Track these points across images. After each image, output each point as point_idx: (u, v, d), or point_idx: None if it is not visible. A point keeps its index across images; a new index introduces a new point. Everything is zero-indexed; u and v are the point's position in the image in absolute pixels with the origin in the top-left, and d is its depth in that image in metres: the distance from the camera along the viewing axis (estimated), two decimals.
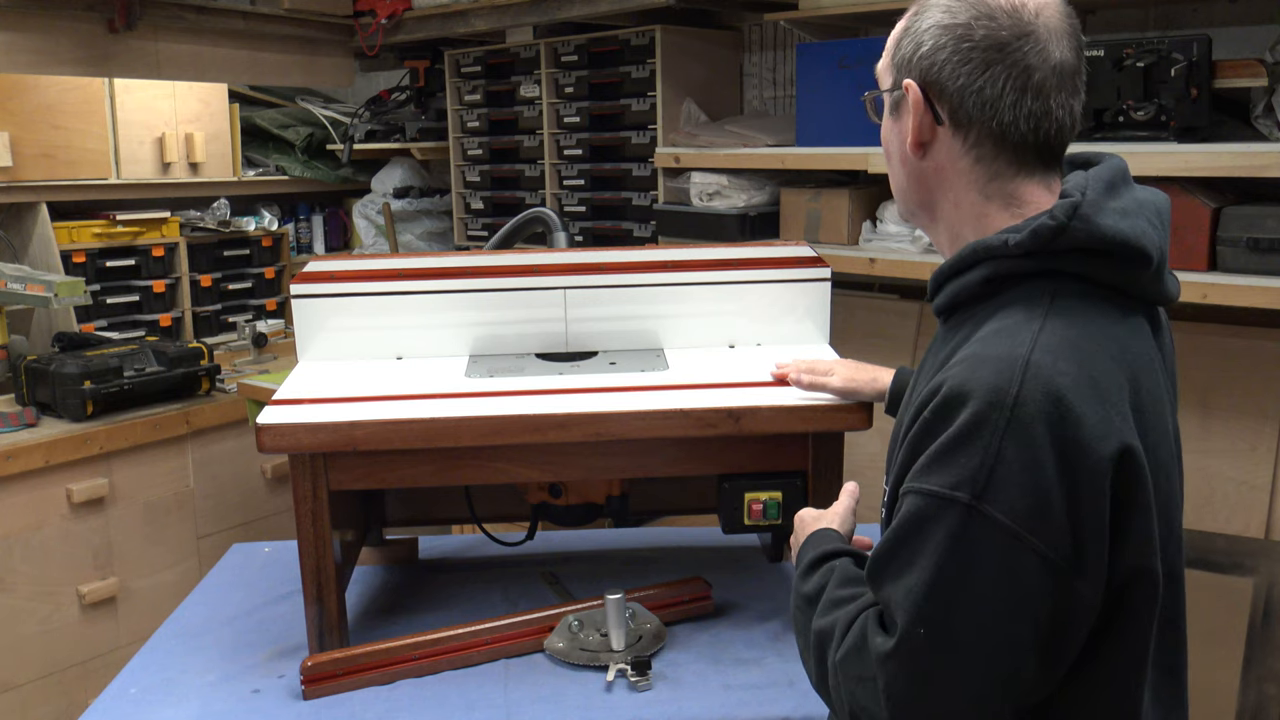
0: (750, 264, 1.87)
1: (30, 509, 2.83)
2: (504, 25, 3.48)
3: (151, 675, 1.65)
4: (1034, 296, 1.05)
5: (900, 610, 0.97)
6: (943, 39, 1.08)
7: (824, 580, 1.15)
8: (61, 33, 3.27)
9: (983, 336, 1.03)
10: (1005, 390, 0.95)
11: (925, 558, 0.96)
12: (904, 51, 1.12)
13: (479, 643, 1.63)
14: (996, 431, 0.94)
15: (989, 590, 0.95)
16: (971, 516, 0.94)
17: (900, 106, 1.14)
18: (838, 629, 1.06)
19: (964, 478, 0.95)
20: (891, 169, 1.20)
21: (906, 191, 1.18)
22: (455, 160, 3.78)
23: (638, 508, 1.94)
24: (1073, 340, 1.00)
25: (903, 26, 1.14)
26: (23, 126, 3.20)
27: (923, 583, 0.96)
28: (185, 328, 3.72)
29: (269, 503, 3.42)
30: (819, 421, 1.59)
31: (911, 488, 1.00)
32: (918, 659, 0.96)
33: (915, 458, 1.01)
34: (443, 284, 1.84)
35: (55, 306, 2.93)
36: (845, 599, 1.09)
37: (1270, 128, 2.07)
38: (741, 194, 2.88)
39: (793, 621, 1.19)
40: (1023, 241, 1.04)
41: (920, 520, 0.98)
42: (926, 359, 1.19)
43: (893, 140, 1.17)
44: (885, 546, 1.01)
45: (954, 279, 1.11)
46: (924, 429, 1.01)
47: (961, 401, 0.97)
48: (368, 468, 1.59)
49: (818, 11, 2.73)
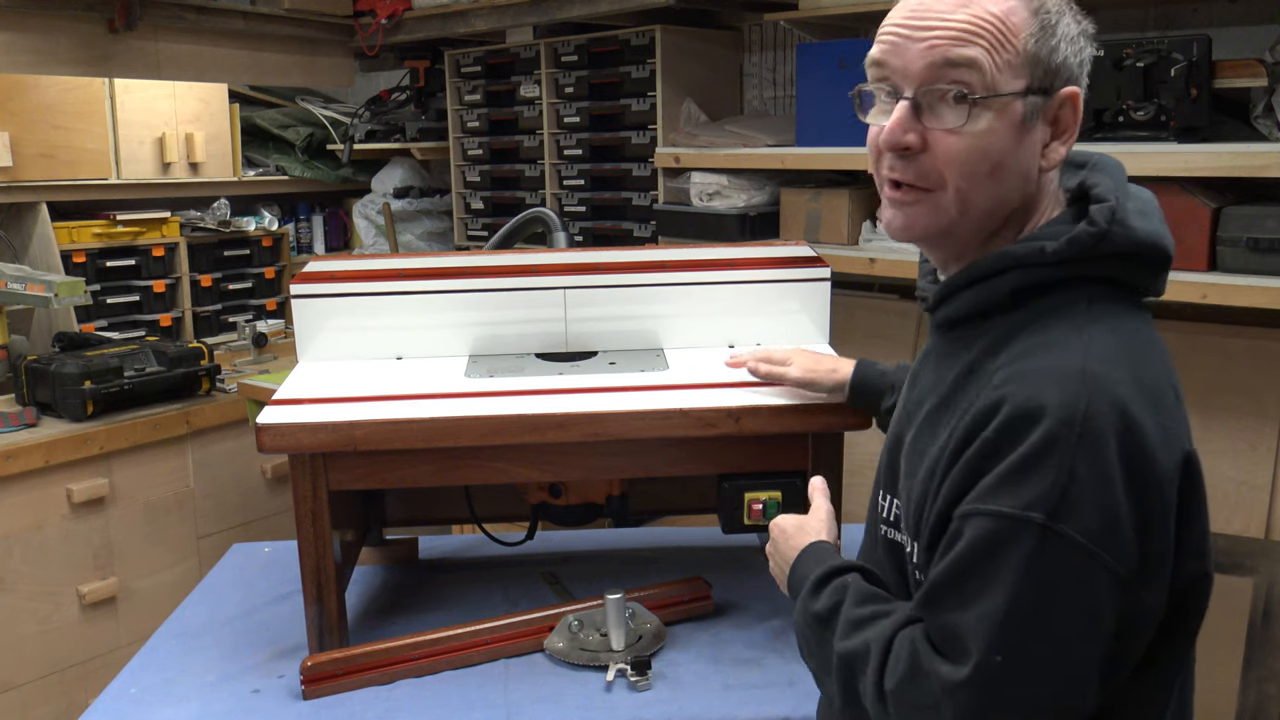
0: (750, 264, 1.87)
1: (30, 509, 2.83)
2: (504, 25, 3.48)
3: (151, 675, 1.65)
4: (1070, 305, 1.02)
5: (974, 637, 0.93)
6: (1086, 47, 1.05)
7: (836, 598, 1.10)
8: (61, 33, 3.27)
9: (1027, 350, 1.00)
10: (1075, 406, 0.93)
11: (1000, 582, 0.93)
12: (1063, 52, 1.03)
13: (479, 643, 1.63)
14: (1068, 449, 0.92)
15: (1066, 612, 0.92)
16: (1047, 537, 0.91)
17: (1038, 115, 1.03)
18: (873, 652, 1.02)
19: (1037, 497, 0.92)
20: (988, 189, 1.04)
21: (1005, 209, 1.06)
22: (455, 160, 3.78)
23: (638, 508, 1.94)
24: (1120, 348, 0.99)
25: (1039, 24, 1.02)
26: (23, 126, 3.20)
27: (1000, 609, 0.92)
28: (185, 328, 3.72)
29: (269, 503, 3.42)
30: (819, 421, 1.59)
31: (978, 509, 0.95)
32: (994, 688, 0.93)
33: (974, 478, 0.96)
34: (443, 284, 1.84)
35: (55, 306, 2.93)
36: (868, 619, 1.06)
37: (1270, 128, 2.07)
38: (741, 194, 2.88)
39: (801, 642, 1.15)
40: (1060, 249, 1.01)
41: (992, 543, 0.93)
42: (922, 371, 1.16)
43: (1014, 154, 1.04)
44: (948, 571, 0.97)
45: (971, 288, 1.07)
46: (988, 449, 0.96)
47: (1033, 419, 0.93)
48: (368, 468, 1.59)
49: (818, 11, 2.73)
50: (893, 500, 1.16)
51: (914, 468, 1.08)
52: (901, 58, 1.05)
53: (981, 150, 1.02)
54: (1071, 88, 1.04)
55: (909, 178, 1.06)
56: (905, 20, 1.05)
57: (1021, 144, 1.03)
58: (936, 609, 0.98)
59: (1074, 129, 1.05)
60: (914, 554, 1.09)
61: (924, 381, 1.14)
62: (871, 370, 1.59)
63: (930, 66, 1.03)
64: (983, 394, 0.99)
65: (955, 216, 1.05)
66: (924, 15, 1.03)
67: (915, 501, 1.07)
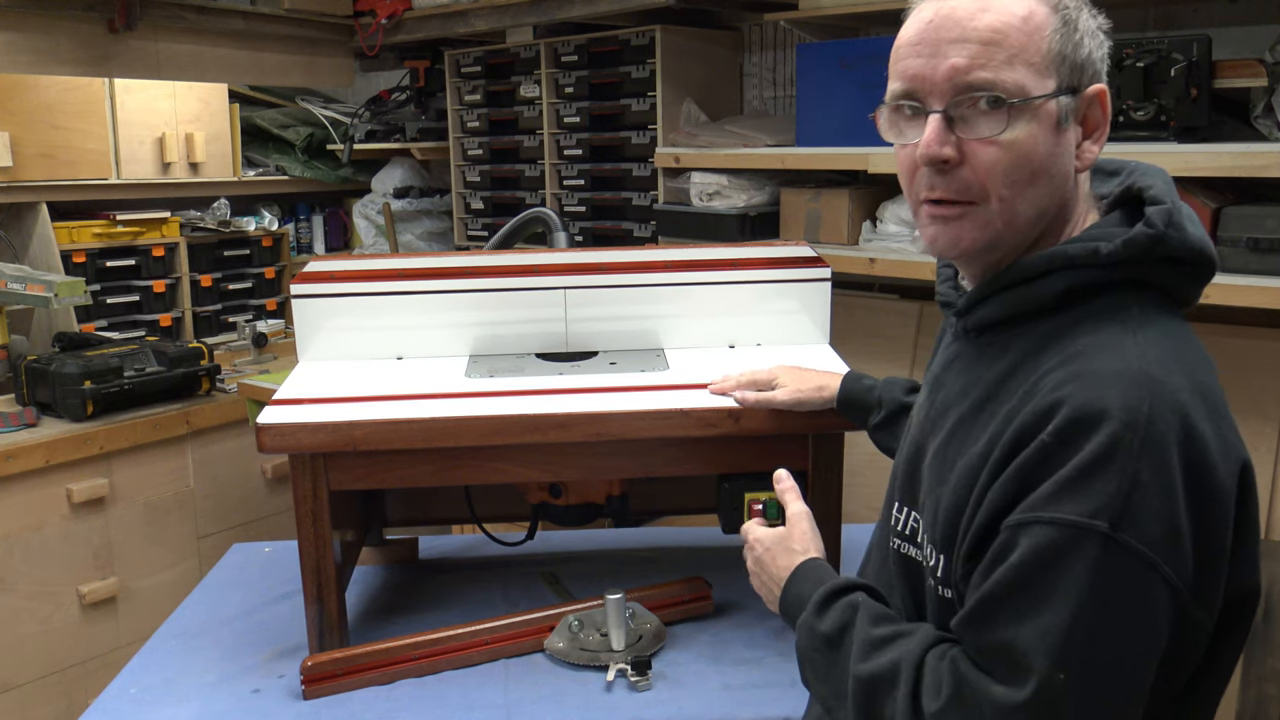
0: (750, 264, 1.87)
1: (30, 509, 2.83)
2: (504, 25, 3.48)
3: (151, 675, 1.65)
4: (1121, 308, 0.99)
5: (1035, 653, 0.88)
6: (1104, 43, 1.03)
7: (845, 618, 1.05)
8: (61, 33, 3.27)
9: (1081, 352, 0.96)
10: (1138, 409, 0.89)
11: (1062, 594, 0.88)
12: (1087, 49, 1.01)
13: (479, 643, 1.63)
14: (1132, 454, 0.88)
15: (1129, 625, 0.89)
16: (1110, 547, 0.87)
17: (1070, 115, 1.01)
18: (903, 673, 0.96)
19: (1102, 505, 0.88)
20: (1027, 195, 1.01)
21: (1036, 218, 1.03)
22: (455, 160, 3.78)
23: (638, 508, 1.94)
24: (1173, 352, 0.96)
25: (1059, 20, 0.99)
26: (23, 126, 3.20)
27: (1063, 622, 0.87)
28: (185, 328, 3.72)
29: (269, 503, 3.42)
30: (819, 422, 1.59)
31: (1035, 518, 0.90)
32: (1058, 707, 0.88)
33: (1028, 484, 0.92)
34: (443, 284, 1.84)
35: (55, 306, 2.93)
36: (887, 639, 1.01)
37: (1270, 128, 2.07)
38: (741, 194, 2.88)
39: (805, 666, 1.09)
40: (1116, 251, 0.98)
41: (1054, 553, 0.89)
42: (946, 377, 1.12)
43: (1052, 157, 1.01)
44: (1000, 585, 0.91)
45: (1013, 289, 1.03)
46: (1045, 454, 0.91)
47: (1095, 423, 0.89)
48: (368, 468, 1.59)
49: (818, 11, 2.73)
50: (910, 513, 1.11)
51: (943, 476, 1.04)
52: (927, 72, 1.02)
53: (1022, 157, 0.99)
54: (1098, 85, 1.02)
55: (950, 193, 1.03)
56: (925, 34, 1.02)
57: (1059, 146, 1.01)
58: (987, 625, 0.93)
59: (1104, 127, 1.03)
60: (938, 568, 1.03)
61: (950, 388, 1.10)
62: (858, 385, 1.55)
63: (958, 77, 1.00)
64: (1035, 397, 0.95)
65: (1001, 227, 1.02)
66: (944, 26, 1.01)
67: (946, 511, 1.02)
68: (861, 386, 1.55)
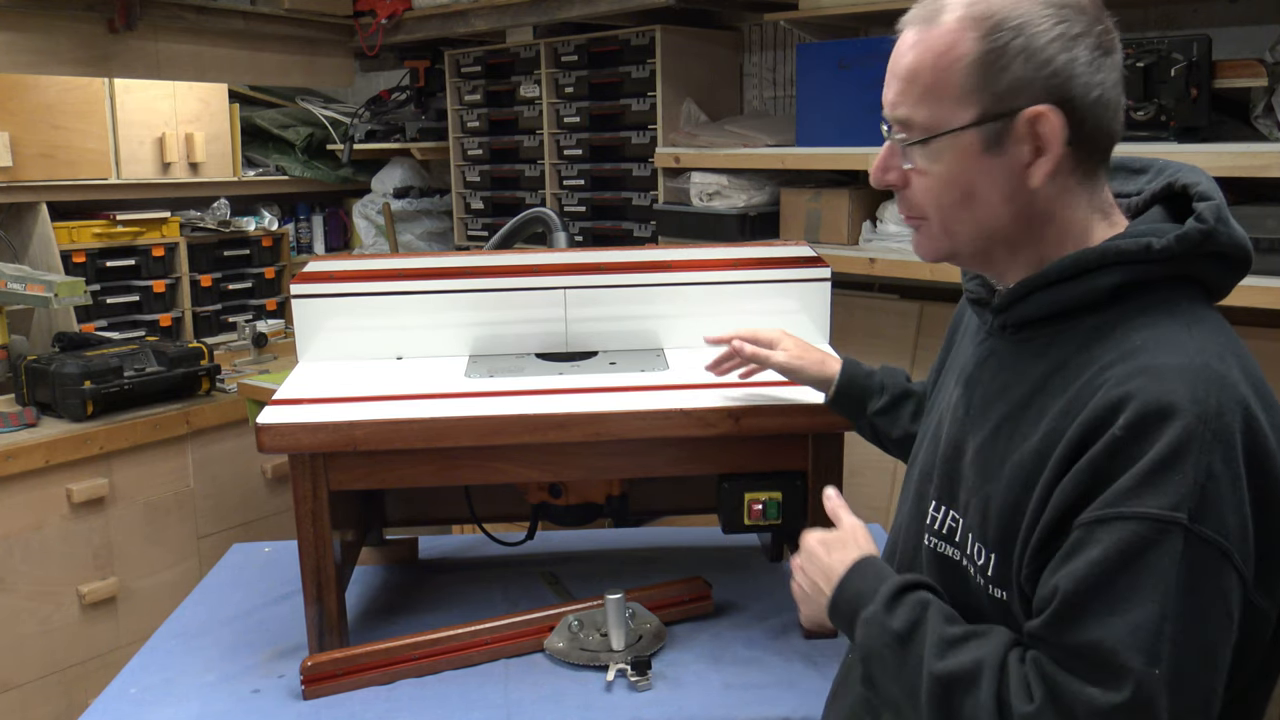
0: (750, 264, 1.87)
1: (30, 509, 2.83)
2: (504, 25, 3.48)
3: (151, 675, 1.65)
4: (1173, 303, 0.99)
5: (1129, 651, 0.87)
6: (1075, 50, 0.98)
7: (916, 614, 1.03)
8: (61, 33, 3.27)
9: (1142, 347, 0.96)
10: (1207, 402, 0.90)
11: (1150, 589, 0.88)
12: (1015, 71, 0.98)
13: (479, 643, 1.63)
14: (1205, 446, 0.89)
15: (1213, 617, 0.89)
16: (1189, 539, 0.88)
17: (1005, 138, 1.00)
18: (986, 673, 0.94)
19: (1181, 497, 0.88)
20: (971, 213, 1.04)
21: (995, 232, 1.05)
22: (455, 160, 3.78)
23: (638, 508, 1.94)
24: (1227, 346, 0.97)
25: (985, 46, 0.99)
26: (23, 126, 3.20)
27: (1153, 617, 0.87)
28: (185, 328, 3.72)
29: (269, 503, 3.42)
30: (819, 422, 1.59)
31: (1116, 513, 0.90)
32: (1155, 704, 0.86)
33: (1100, 480, 0.92)
34: (443, 284, 1.84)
35: (55, 306, 2.93)
36: (963, 637, 0.99)
37: (1270, 128, 2.07)
38: (741, 194, 2.88)
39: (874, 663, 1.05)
40: (1170, 246, 0.98)
41: (1138, 548, 0.88)
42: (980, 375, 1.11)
43: (986, 179, 1.02)
44: (1085, 582, 0.90)
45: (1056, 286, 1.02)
46: (1115, 448, 0.91)
47: (1167, 416, 0.90)
48: (368, 468, 1.59)
49: (818, 11, 2.73)
50: (949, 512, 1.10)
51: (991, 473, 1.03)
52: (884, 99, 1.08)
53: (946, 184, 1.04)
54: (1038, 106, 0.98)
55: (904, 210, 1.11)
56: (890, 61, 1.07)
57: (991, 170, 1.02)
58: (1073, 625, 0.91)
59: (1055, 144, 1.00)
60: (988, 568, 1.03)
61: (989, 385, 1.09)
62: (858, 370, 1.55)
63: (889, 111, 1.07)
64: (1098, 392, 0.95)
65: (948, 243, 1.08)
66: (894, 57, 1.06)
67: (1000, 510, 1.01)
68: (862, 371, 1.55)
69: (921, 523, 1.15)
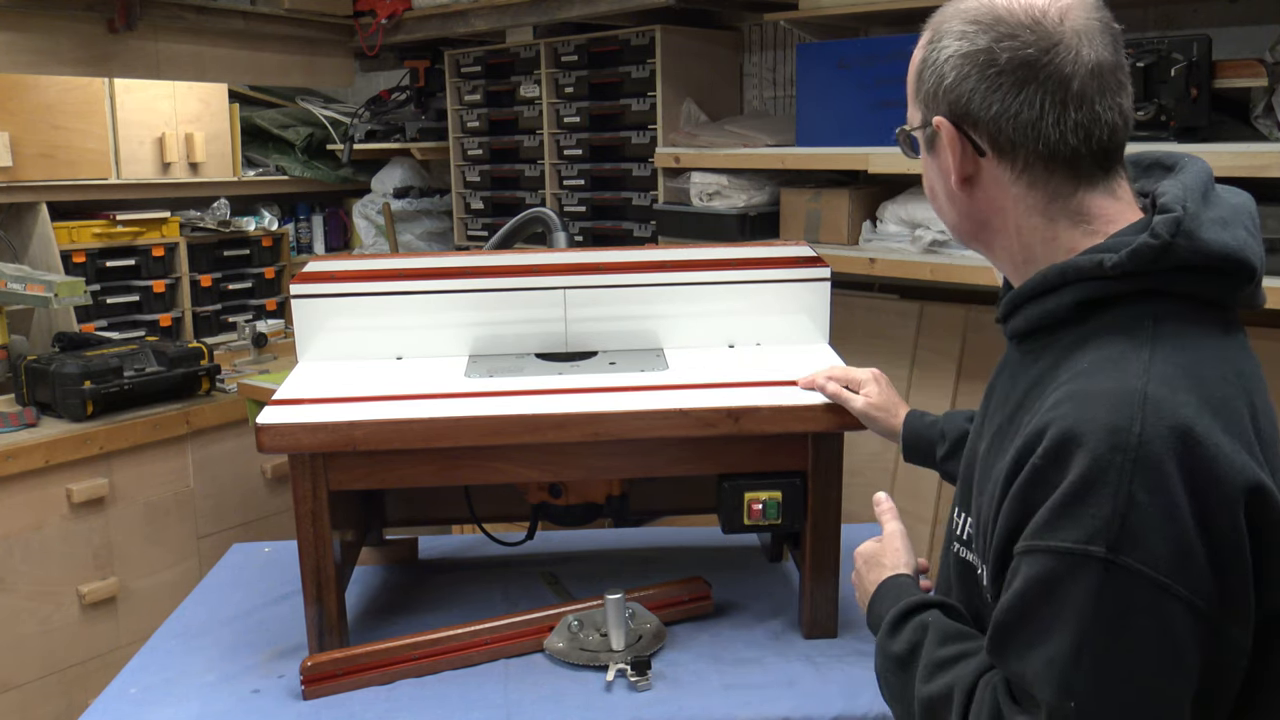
0: (750, 264, 1.87)
1: (30, 509, 2.83)
2: (504, 25, 3.48)
3: (151, 675, 1.65)
4: (1134, 320, 0.97)
5: (1043, 684, 0.88)
6: (965, 68, 1.01)
7: (916, 637, 1.07)
8: (61, 33, 3.27)
9: (1085, 370, 0.95)
10: (1126, 430, 0.87)
11: (1064, 623, 0.87)
12: (927, 86, 1.05)
13: (479, 643, 1.63)
14: (1124, 475, 0.86)
15: (1142, 649, 0.86)
16: (1110, 571, 0.86)
17: (935, 142, 1.07)
18: (956, 696, 0.98)
19: (1096, 529, 0.86)
20: (938, 205, 1.13)
21: (958, 226, 1.11)
22: (455, 160, 3.78)
23: (638, 508, 1.94)
24: (1187, 367, 0.93)
25: (920, 58, 1.07)
26: (23, 126, 3.20)
27: (1066, 650, 0.87)
28: (185, 328, 3.72)
29: (269, 503, 3.42)
30: (819, 421, 1.59)
31: (1033, 546, 0.90)
32: None
33: (1028, 510, 0.92)
34: (443, 284, 1.84)
35: (55, 306, 2.93)
36: (951, 660, 1.02)
37: (1270, 128, 2.07)
38: (741, 194, 2.88)
39: (881, 684, 1.11)
40: (1121, 263, 0.96)
41: (1051, 582, 0.88)
42: (997, 384, 1.13)
43: (935, 177, 1.11)
44: (1009, 614, 0.92)
45: (1034, 301, 1.03)
46: (1035, 477, 0.92)
47: (1076, 445, 0.89)
48: (368, 468, 1.59)
49: (818, 11, 2.72)
50: (965, 517, 1.12)
51: (983, 484, 1.06)
52: None
53: (925, 179, 1.14)
54: (938, 117, 1.04)
55: None
56: None
57: (934, 170, 1.10)
58: (1003, 654, 0.93)
59: (953, 156, 1.04)
60: (983, 576, 1.05)
61: (998, 395, 1.11)
62: (920, 421, 1.56)
63: None
64: (1037, 415, 0.95)
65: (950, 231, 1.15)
66: None
67: (983, 521, 1.04)
68: (924, 422, 1.55)
69: (951, 526, 1.17)
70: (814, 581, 1.67)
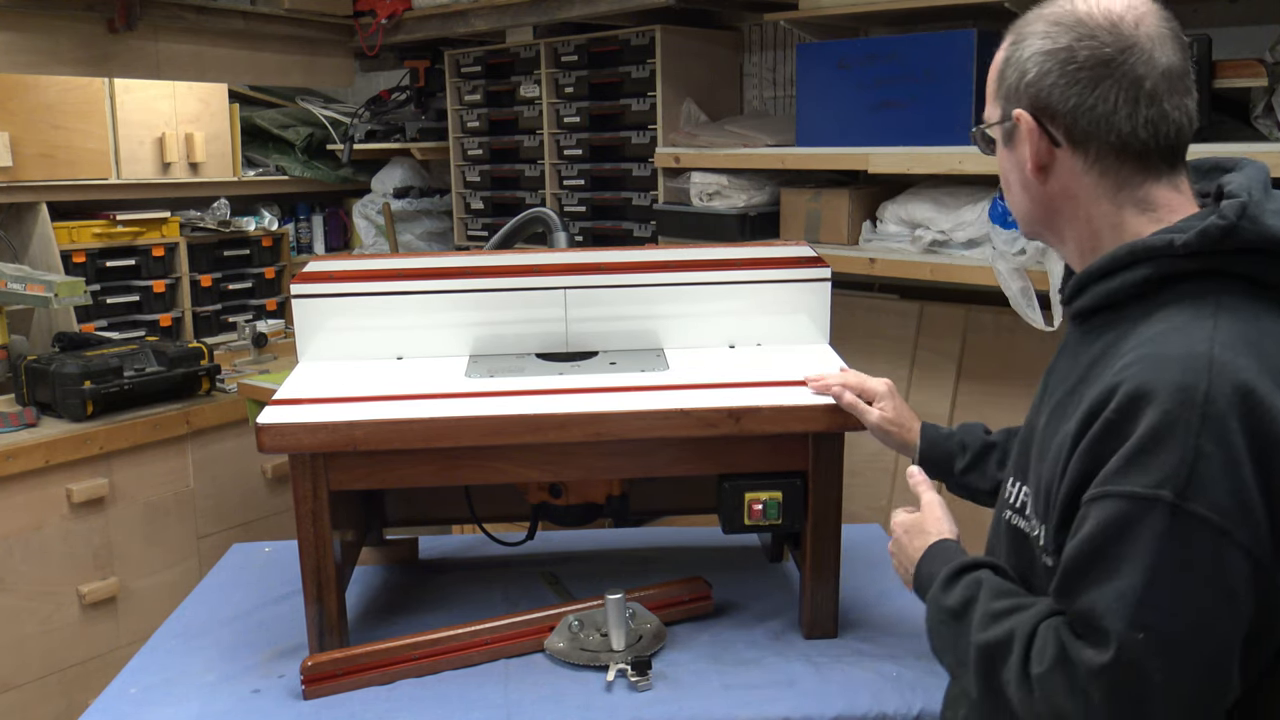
0: (750, 264, 1.87)
1: (30, 509, 2.83)
2: (504, 25, 3.48)
3: (151, 675, 1.65)
4: (1198, 296, 1.05)
5: (1114, 616, 0.96)
6: (1047, 64, 1.11)
7: (969, 593, 1.14)
8: (61, 33, 3.27)
9: (1153, 338, 1.03)
10: (1194, 388, 0.96)
11: (1134, 561, 0.95)
12: (1009, 81, 1.15)
13: (479, 643, 1.63)
14: (1191, 428, 0.95)
15: (1203, 589, 0.94)
16: (1177, 516, 0.94)
17: (1014, 136, 1.16)
18: (1016, 642, 1.04)
19: (1165, 476, 0.95)
20: (1012, 196, 1.22)
21: (1030, 215, 1.20)
22: (455, 160, 3.78)
23: (638, 508, 1.94)
24: (1247, 337, 1.01)
25: (1003, 57, 1.16)
26: (23, 126, 3.20)
27: (1137, 585, 0.95)
28: (185, 328, 3.72)
29: (269, 503, 3.42)
30: (819, 421, 1.59)
31: (1106, 491, 0.99)
32: (1138, 666, 0.94)
33: (1098, 461, 1.01)
34: (443, 284, 1.84)
35: (55, 306, 2.93)
36: (1007, 611, 1.08)
37: (1270, 128, 2.07)
38: (741, 194, 2.88)
39: (933, 638, 1.18)
40: (1190, 241, 1.05)
41: (1122, 523, 0.97)
42: (1058, 364, 1.20)
43: (1011, 169, 1.19)
44: (1081, 554, 1.00)
45: (1104, 280, 1.11)
46: (1106, 431, 1.00)
47: (1147, 401, 0.98)
48: (368, 468, 1.59)
49: (818, 11, 2.72)
50: (1021, 487, 1.19)
51: (1044, 452, 1.13)
52: None
53: (1001, 172, 1.23)
54: (1018, 110, 1.14)
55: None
56: None
57: (1010, 163, 1.19)
58: (1072, 592, 1.01)
59: (1033, 144, 1.13)
60: (1041, 538, 1.12)
61: (1058, 372, 1.19)
62: (937, 434, 1.59)
63: None
64: (1105, 378, 1.03)
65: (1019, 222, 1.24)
66: None
67: (1045, 485, 1.11)
68: (941, 435, 1.58)
69: (1004, 497, 1.25)
70: (814, 581, 1.67)
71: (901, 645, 1.66)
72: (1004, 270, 2.32)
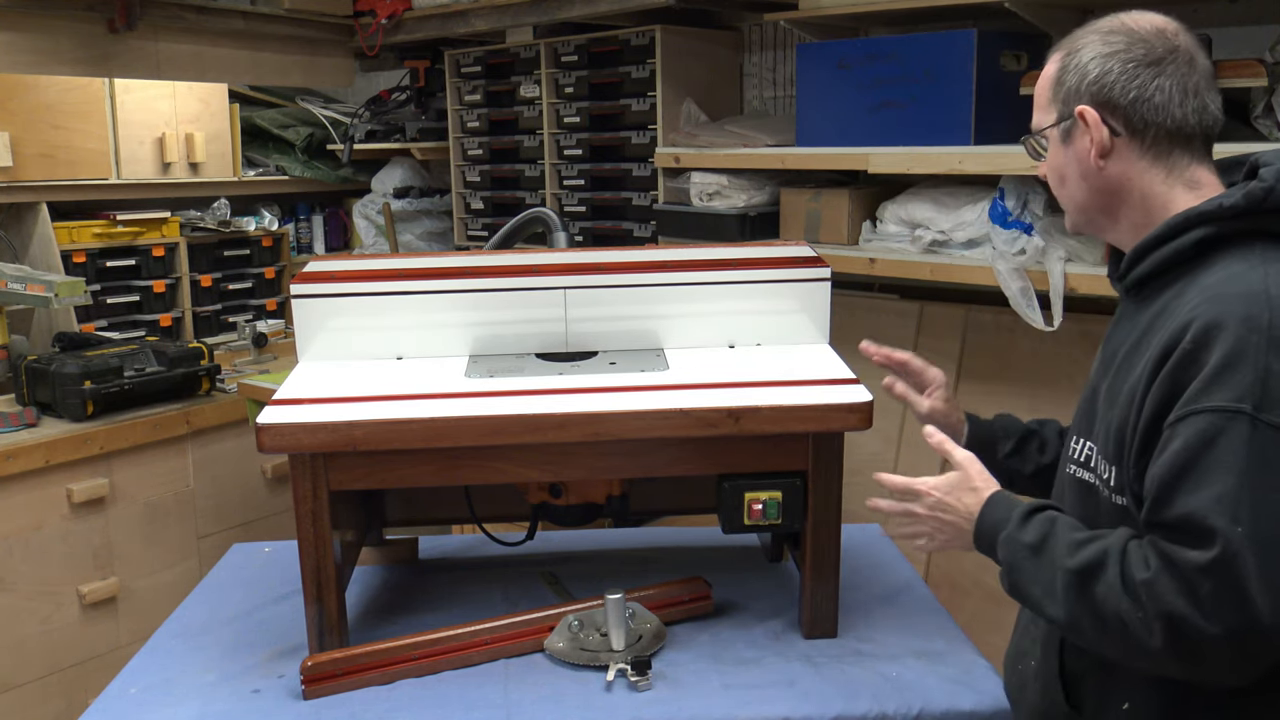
0: (750, 264, 1.87)
1: (30, 509, 2.83)
2: (504, 25, 3.48)
3: (151, 675, 1.65)
4: (1246, 252, 1.20)
5: (1216, 515, 1.07)
6: (1108, 64, 1.27)
7: (1046, 529, 1.25)
8: (61, 33, 3.27)
9: (1213, 284, 1.18)
10: (1259, 317, 1.11)
11: (1226, 466, 1.08)
12: (1069, 85, 1.30)
13: (479, 643, 1.63)
14: (1260, 351, 1.10)
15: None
16: (1256, 426, 1.08)
17: (1073, 132, 1.31)
18: (1110, 560, 1.15)
19: (1244, 392, 1.09)
20: (1067, 190, 1.36)
21: (1087, 204, 1.34)
22: (455, 160, 3.78)
23: (638, 508, 1.94)
24: None
25: (1058, 67, 1.32)
26: (23, 126, 3.20)
27: (1232, 487, 1.07)
28: (185, 328, 3.72)
29: (269, 503, 3.42)
30: (819, 421, 1.59)
31: (1192, 410, 1.11)
32: (1242, 559, 1.05)
33: (1178, 386, 1.14)
34: (443, 284, 1.84)
35: (55, 306, 2.94)
36: (1088, 539, 1.20)
37: (1270, 128, 2.07)
38: (741, 194, 2.88)
39: (1012, 575, 1.27)
40: (1237, 203, 1.20)
41: (1211, 435, 1.09)
42: (1114, 333, 1.34)
43: (1068, 164, 1.34)
44: (1174, 467, 1.11)
45: (1161, 246, 1.25)
46: (1184, 360, 1.13)
47: (1219, 330, 1.12)
48: (368, 468, 1.59)
49: (818, 11, 2.72)
50: (1085, 443, 1.32)
51: (1112, 402, 1.26)
52: None
53: (1051, 170, 1.38)
54: (1082, 106, 1.28)
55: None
56: None
57: (1068, 156, 1.34)
58: (1169, 503, 1.12)
59: (1097, 134, 1.28)
60: (1110, 479, 1.24)
61: (1117, 337, 1.33)
62: (981, 421, 1.69)
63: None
64: (1174, 321, 1.17)
65: (1070, 217, 1.39)
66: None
67: (1116, 429, 1.23)
68: (984, 422, 1.68)
69: (1067, 454, 1.37)
70: (814, 581, 1.67)
71: (901, 645, 1.67)
72: (1004, 270, 2.32)
